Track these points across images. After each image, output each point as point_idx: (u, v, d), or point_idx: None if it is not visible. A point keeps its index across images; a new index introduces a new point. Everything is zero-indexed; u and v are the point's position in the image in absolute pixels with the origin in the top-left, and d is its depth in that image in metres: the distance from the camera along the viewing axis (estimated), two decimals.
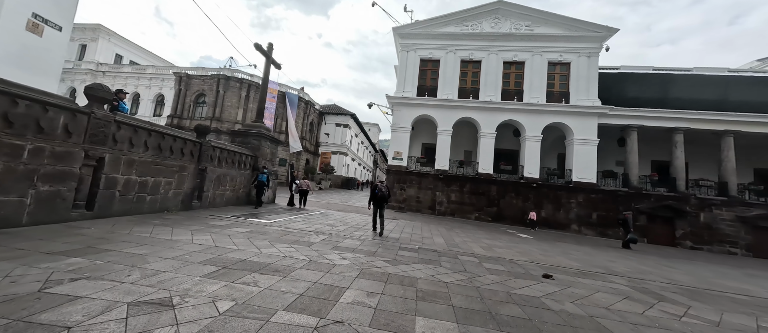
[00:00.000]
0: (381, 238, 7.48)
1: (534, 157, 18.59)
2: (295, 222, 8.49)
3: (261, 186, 10.68)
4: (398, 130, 20.15)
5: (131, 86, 33.39)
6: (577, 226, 17.56)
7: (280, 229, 6.92)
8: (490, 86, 19.69)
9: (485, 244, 8.55)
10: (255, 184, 10.73)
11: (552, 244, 10.71)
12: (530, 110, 18.78)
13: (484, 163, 19.01)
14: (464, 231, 11.55)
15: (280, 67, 14.15)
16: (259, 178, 10.57)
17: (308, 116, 35.63)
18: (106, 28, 34.81)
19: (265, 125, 12.90)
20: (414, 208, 19.18)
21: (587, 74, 18.74)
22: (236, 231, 6.11)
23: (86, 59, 34.06)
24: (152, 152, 7.02)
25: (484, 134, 19.21)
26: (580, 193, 17.79)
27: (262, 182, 10.67)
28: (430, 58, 20.98)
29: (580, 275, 5.74)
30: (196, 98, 31.45)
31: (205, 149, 8.83)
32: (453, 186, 19.15)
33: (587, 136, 18.09)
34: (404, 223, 11.68)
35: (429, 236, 8.86)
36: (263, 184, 10.71)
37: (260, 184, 10.65)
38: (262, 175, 10.63)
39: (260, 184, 10.65)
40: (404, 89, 20.57)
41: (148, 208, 7.03)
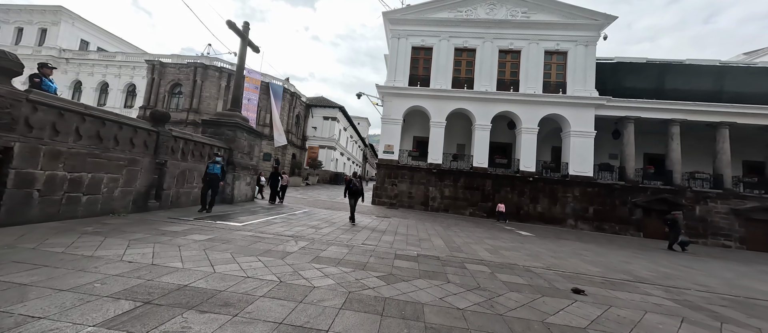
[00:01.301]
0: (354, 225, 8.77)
1: (530, 151, 17.89)
2: (272, 224, 7.30)
3: (213, 182, 7.93)
4: (389, 121, 19.03)
5: (99, 75, 30.79)
6: (573, 221, 17.04)
7: (250, 235, 5.73)
8: (485, 76, 18.79)
9: (489, 245, 7.63)
10: (205, 179, 7.98)
11: (556, 243, 9.94)
12: (526, 101, 18.01)
13: (479, 157, 18.19)
14: (462, 229, 10.64)
15: (258, 50, 12.70)
16: (208, 170, 7.92)
17: (294, 109, 33.95)
18: (69, 11, 31.83)
19: (241, 114, 11.52)
20: (406, 204, 18.21)
21: (584, 64, 18.09)
22: (192, 239, 4.89)
23: (47, 44, 31.09)
24: (88, 142, 5.66)
25: (478, 126, 18.34)
26: (577, 187, 17.25)
27: (215, 176, 7.97)
28: (422, 45, 19.86)
29: (609, 286, 4.86)
30: (172, 88, 29.27)
31: (163, 139, 7.47)
32: (446, 181, 18.26)
33: (584, 128, 17.50)
34: (397, 222, 10.66)
35: (426, 237, 7.86)
36: (216, 178, 8.00)
37: (212, 179, 7.92)
38: (213, 166, 7.96)
39: (212, 179, 7.92)
40: (395, 79, 19.41)
41: (85, 211, 5.69)
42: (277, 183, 12.33)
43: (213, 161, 8.16)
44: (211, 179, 7.96)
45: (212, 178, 7.97)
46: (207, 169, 8.02)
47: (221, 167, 8.19)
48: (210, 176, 7.94)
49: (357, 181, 9.48)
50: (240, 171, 10.91)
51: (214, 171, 7.98)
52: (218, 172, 8.06)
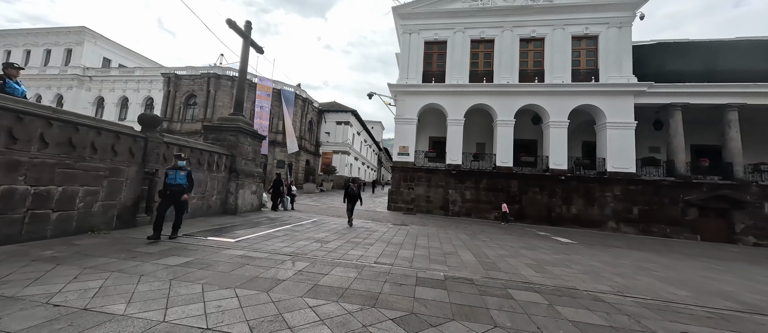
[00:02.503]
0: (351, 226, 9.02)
1: (560, 146, 16.18)
2: (272, 239, 6.33)
3: (174, 196, 5.54)
4: (403, 121, 17.91)
5: (119, 90, 31.72)
6: (615, 223, 15.12)
7: (240, 255, 4.76)
8: (505, 67, 17.32)
9: (530, 259, 6.29)
10: (162, 192, 5.64)
11: (607, 252, 8.39)
12: (554, 92, 16.36)
13: (503, 155, 16.67)
14: (491, 237, 9.28)
15: (262, 51, 12.02)
16: (168, 180, 5.55)
17: (306, 115, 33.58)
18: (91, 31, 33.17)
19: (244, 118, 10.80)
20: (424, 209, 16.94)
21: (618, 48, 16.25)
22: (164, 265, 3.96)
23: (72, 64, 32.46)
24: (57, 150, 4.92)
25: (501, 122, 16.85)
26: (617, 185, 15.34)
27: (178, 188, 5.56)
28: (435, 39, 18.68)
29: (722, 323, 3.46)
30: (186, 99, 29.60)
31: (152, 146, 6.73)
32: (467, 182, 16.85)
33: (622, 119, 15.61)
34: (416, 230, 9.46)
35: (452, 250, 6.63)
36: (181, 190, 5.59)
37: (173, 193, 5.52)
38: (174, 174, 5.56)
39: (173, 193, 5.52)
40: (408, 76, 18.31)
41: (57, 231, 4.93)
42: (280, 191, 11.70)
43: (173, 166, 5.72)
44: (173, 193, 5.51)
45: (173, 190, 5.52)
46: (165, 177, 5.60)
47: (187, 174, 5.71)
48: (170, 188, 5.50)
49: (354, 186, 9.95)
50: (244, 179, 10.13)
51: (176, 181, 5.54)
52: (183, 181, 5.62)
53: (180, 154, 5.88)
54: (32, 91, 32.44)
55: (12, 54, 33.95)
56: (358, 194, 9.84)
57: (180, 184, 5.63)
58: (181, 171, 5.66)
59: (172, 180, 5.56)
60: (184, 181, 5.68)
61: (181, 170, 5.67)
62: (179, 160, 5.79)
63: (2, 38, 34.15)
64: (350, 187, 9.85)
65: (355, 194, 9.77)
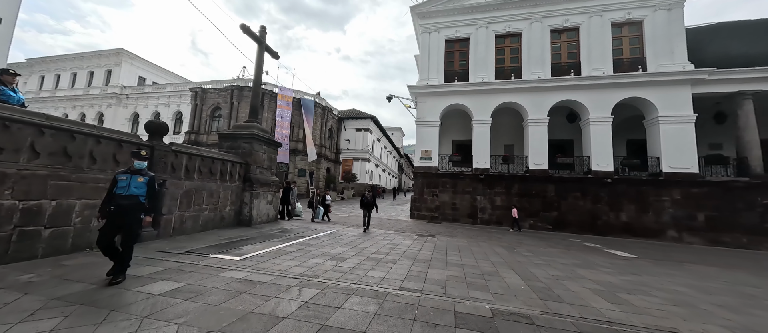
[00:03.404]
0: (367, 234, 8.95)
1: (603, 145, 14.43)
2: (281, 255, 5.60)
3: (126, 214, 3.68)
4: (425, 124, 16.96)
5: (152, 106, 33.46)
6: (675, 232, 13.07)
7: (240, 278, 4.03)
8: (535, 62, 15.93)
9: (593, 282, 5.06)
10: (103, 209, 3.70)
11: (680, 269, 6.87)
12: (593, 85, 14.72)
13: (536, 157, 15.16)
14: (533, 251, 8.02)
15: (277, 56, 11.66)
16: (117, 189, 3.69)
17: (326, 122, 33.54)
18: (129, 52, 35.51)
19: (259, 125, 10.38)
20: (449, 217, 15.74)
21: (668, 32, 14.37)
22: (144, 294, 3.30)
23: (111, 83, 34.83)
24: (49, 160, 4.52)
25: (533, 121, 15.41)
26: (676, 188, 13.32)
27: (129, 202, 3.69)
28: (456, 37, 17.69)
29: None
30: (212, 112, 30.57)
31: (160, 155, 6.31)
32: (497, 188, 15.47)
33: (679, 112, 13.65)
34: (445, 243, 8.39)
35: (491, 269, 5.55)
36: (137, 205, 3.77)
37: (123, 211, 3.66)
38: (126, 180, 3.72)
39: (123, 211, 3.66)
40: (428, 77, 17.41)
41: (50, 249, 4.49)
42: (288, 198, 11.69)
43: (127, 169, 3.85)
44: (122, 210, 3.62)
45: (123, 206, 3.62)
46: (113, 185, 3.70)
47: (149, 182, 3.83)
48: (117, 202, 3.62)
49: (369, 195, 10.56)
50: (259, 188, 9.63)
51: (129, 191, 3.67)
52: (140, 191, 3.74)
53: (139, 151, 3.91)
54: (77, 111, 35.14)
55: (61, 77, 37.13)
56: (373, 202, 10.60)
57: (134, 196, 3.68)
58: (138, 176, 3.75)
59: (122, 190, 3.64)
60: (142, 190, 3.74)
61: (139, 175, 3.77)
62: (137, 158, 3.84)
63: (52, 63, 37.47)
64: (365, 195, 10.56)
65: (371, 202, 10.46)
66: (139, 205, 3.80)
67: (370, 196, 10.61)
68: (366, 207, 10.32)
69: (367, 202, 10.36)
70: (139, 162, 3.91)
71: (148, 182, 3.87)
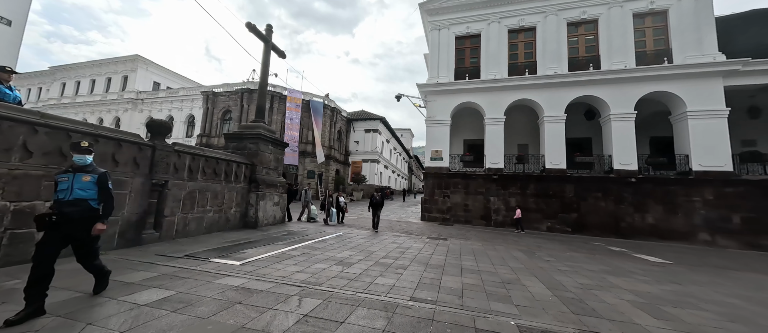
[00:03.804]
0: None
1: (627, 143, 13.59)
2: (284, 260, 5.27)
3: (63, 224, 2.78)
4: (435, 123, 16.47)
5: (166, 110, 34.14)
6: (708, 235, 12.12)
7: (236, 287, 3.71)
8: (551, 56, 15.23)
9: (629, 293, 4.51)
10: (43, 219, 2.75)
11: (722, 275, 6.18)
12: (615, 80, 13.92)
13: (553, 156, 14.44)
14: (554, 255, 7.44)
15: (284, 56, 11.49)
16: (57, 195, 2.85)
17: (335, 124, 33.42)
18: (144, 58, 36.43)
19: (265, 125, 10.17)
20: (461, 219, 15.17)
21: (696, 21, 13.45)
22: (130, 304, 3.01)
23: (128, 89, 35.78)
24: (44, 160, 4.33)
25: (549, 119, 14.71)
26: (708, 187, 12.37)
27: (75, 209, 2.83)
28: (467, 34, 17.17)
29: None
30: (223, 115, 30.91)
31: (161, 155, 6.10)
32: (511, 188, 14.82)
33: (710, 106, 12.71)
34: (458, 246, 7.90)
35: (512, 276, 5.06)
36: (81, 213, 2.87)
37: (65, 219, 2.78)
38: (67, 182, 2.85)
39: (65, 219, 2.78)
40: (438, 75, 16.93)
41: None
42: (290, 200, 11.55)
43: (68, 168, 2.99)
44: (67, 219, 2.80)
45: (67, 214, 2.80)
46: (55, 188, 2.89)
47: (99, 181, 3.01)
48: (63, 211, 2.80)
49: (378, 196, 10.96)
50: (265, 189, 9.39)
51: (72, 195, 2.84)
52: (89, 193, 2.92)
53: (80, 142, 2.96)
54: (96, 116, 36.24)
55: (81, 84, 38.44)
56: (381, 202, 10.99)
57: (81, 201, 2.82)
58: (84, 175, 2.87)
59: (64, 194, 2.79)
60: (90, 192, 2.87)
61: (85, 174, 2.89)
62: (77, 151, 2.93)
63: (73, 70, 38.86)
64: (374, 196, 10.93)
65: (379, 202, 10.87)
66: (89, 211, 2.89)
67: (379, 197, 11.05)
68: (375, 207, 10.80)
69: (375, 203, 10.82)
70: (80, 156, 2.94)
71: (98, 181, 2.99)
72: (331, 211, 11.66)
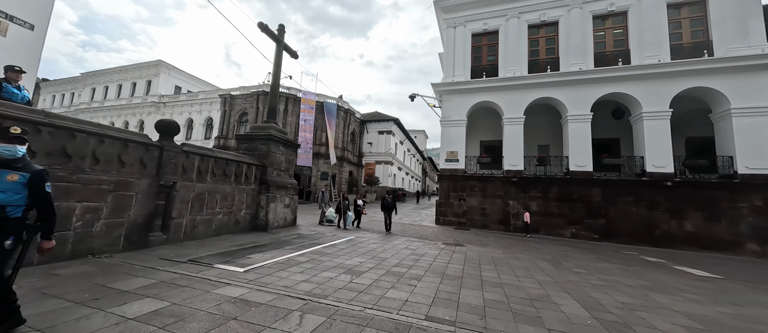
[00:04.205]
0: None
1: (661, 143, 12.54)
2: (290, 267, 4.97)
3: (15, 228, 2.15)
4: (450, 124, 15.91)
5: (186, 113, 35.23)
6: (757, 245, 10.91)
7: (234, 298, 3.41)
8: (575, 52, 14.36)
9: (683, 316, 3.89)
10: None
11: None
12: (647, 76, 12.90)
13: (578, 158, 13.55)
14: (584, 267, 6.77)
15: (296, 56, 11.34)
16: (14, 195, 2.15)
17: (349, 125, 33.34)
18: (166, 63, 37.82)
19: (276, 126, 10.01)
20: (478, 224, 14.50)
21: (741, 9, 12.26)
22: (118, 317, 2.76)
23: (151, 93, 37.23)
24: (47, 160, 4.23)
25: (573, 118, 13.83)
26: (756, 193, 11.17)
27: None
28: (484, 30, 16.53)
29: None
30: (240, 117, 31.49)
31: (169, 156, 5.98)
32: (532, 191, 14.03)
33: (758, 102, 11.50)
34: (476, 254, 7.37)
35: (539, 291, 4.52)
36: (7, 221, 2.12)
37: None
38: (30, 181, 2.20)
39: None
40: (454, 73, 16.37)
41: (45, 257, 4.15)
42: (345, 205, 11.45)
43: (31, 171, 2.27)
44: None
45: None
46: None
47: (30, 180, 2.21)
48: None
49: (389, 198, 11.30)
50: (275, 191, 9.21)
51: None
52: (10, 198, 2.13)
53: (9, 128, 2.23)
54: (122, 119, 37.89)
55: (109, 89, 40.37)
56: (393, 205, 11.15)
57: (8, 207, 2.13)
58: (9, 172, 2.16)
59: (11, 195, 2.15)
60: (15, 198, 2.16)
61: (11, 171, 2.17)
62: (5, 141, 2.17)
63: (102, 76, 40.90)
64: (386, 198, 11.28)
65: (391, 204, 11.04)
66: (2, 221, 2.10)
67: (391, 199, 11.21)
68: (386, 210, 10.97)
69: (387, 205, 11.00)
70: (7, 146, 2.16)
71: (30, 182, 2.20)
72: (347, 214, 11.15)
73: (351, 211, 11.36)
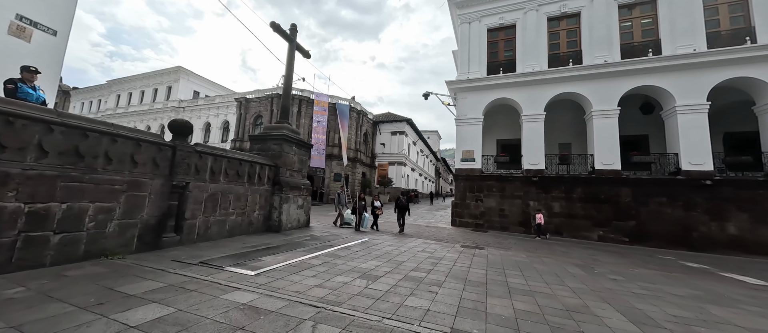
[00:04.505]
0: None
1: (698, 139, 11.60)
2: (302, 270, 4.73)
3: None
4: (466, 122, 15.41)
5: (204, 117, 36.17)
6: None
7: (242, 305, 3.19)
8: (599, 44, 13.58)
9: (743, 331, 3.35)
10: None
11: None
12: (681, 66, 12.00)
13: (604, 156, 12.76)
14: (622, 274, 6.20)
15: (309, 55, 11.25)
16: None
17: (361, 127, 33.23)
18: (185, 69, 39.04)
19: (289, 126, 9.91)
20: (497, 225, 13.92)
21: None
22: (119, 325, 2.58)
23: (172, 98, 38.51)
24: (59, 160, 4.17)
25: (599, 114, 13.06)
26: None
27: None
28: (500, 25, 15.95)
29: None
30: (255, 120, 32.00)
31: (182, 156, 5.90)
32: (554, 192, 13.33)
33: None
34: (498, 257, 6.91)
35: (576, 302, 4.07)
36: None
37: None
38: None
39: None
40: (469, 70, 15.88)
41: (59, 257, 4.12)
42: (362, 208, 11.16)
43: None
44: None
45: None
46: None
47: None
48: None
49: (403, 199, 11.48)
50: (288, 192, 9.07)
51: None
52: None
53: None
54: (144, 124, 39.34)
55: (132, 95, 42.08)
56: (406, 205, 11.33)
57: None
58: None
59: None
60: None
61: None
62: None
63: (126, 83, 42.69)
64: (400, 199, 11.45)
65: (405, 205, 11.21)
66: None
67: (405, 200, 11.43)
68: (400, 210, 11.13)
69: (401, 206, 11.18)
70: None
71: None
72: (363, 216, 10.81)
73: (368, 213, 11.12)
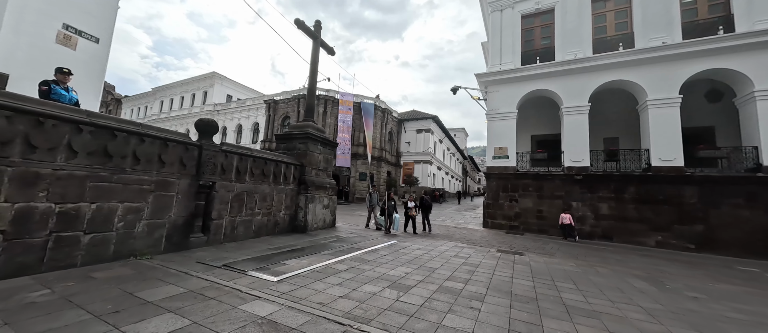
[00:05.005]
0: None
1: None
2: (328, 277, 4.38)
3: None
4: (498, 117, 14.41)
5: (236, 119, 37.83)
6: None
7: (262, 317, 2.88)
8: (654, 24, 12.00)
9: None
10: None
11: None
12: (758, 45, 10.20)
13: (663, 150, 11.24)
14: (702, 290, 5.19)
15: (333, 52, 11.04)
16: None
17: (386, 125, 32.86)
18: (219, 75, 41.11)
19: (314, 124, 9.71)
20: (534, 228, 12.83)
21: None
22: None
23: (207, 102, 40.74)
24: (88, 160, 4.16)
25: (655, 103, 11.54)
26: None
27: None
28: (536, 10, 14.72)
29: None
30: (283, 121, 32.82)
31: (208, 155, 5.83)
32: (602, 191, 11.99)
33: None
34: (542, 265, 6.12)
35: (660, 330, 3.31)
36: None
37: None
38: None
39: None
40: (501, 61, 14.83)
41: (89, 257, 4.11)
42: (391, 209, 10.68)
43: None
44: None
45: None
46: None
47: None
48: None
49: (427, 198, 11.62)
50: (314, 191, 8.87)
51: None
52: None
53: None
54: (184, 127, 41.97)
55: (174, 101, 45.12)
56: (430, 205, 11.41)
57: None
58: None
59: None
60: None
61: None
62: None
63: (168, 89, 45.87)
64: (424, 198, 11.54)
65: (429, 205, 11.29)
66: None
67: (429, 199, 11.57)
68: (424, 210, 11.12)
69: (426, 205, 11.22)
70: None
71: None
72: (393, 217, 10.03)
73: (398, 214, 10.40)
